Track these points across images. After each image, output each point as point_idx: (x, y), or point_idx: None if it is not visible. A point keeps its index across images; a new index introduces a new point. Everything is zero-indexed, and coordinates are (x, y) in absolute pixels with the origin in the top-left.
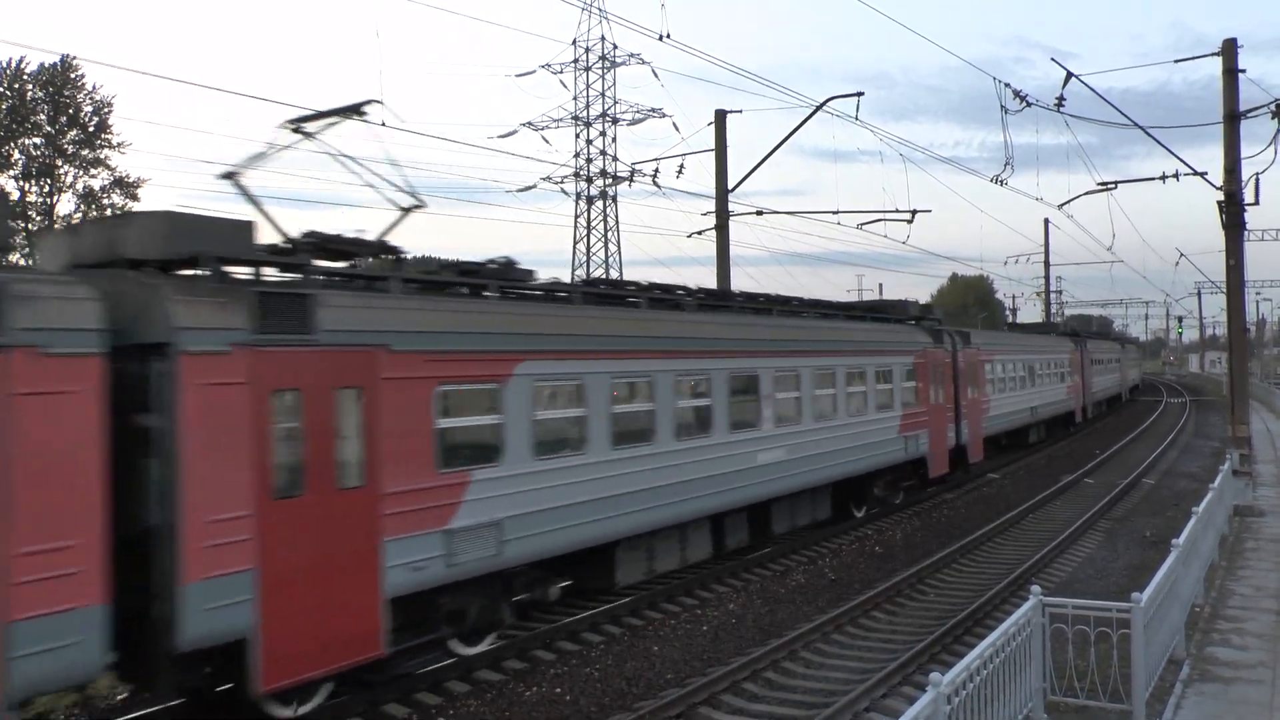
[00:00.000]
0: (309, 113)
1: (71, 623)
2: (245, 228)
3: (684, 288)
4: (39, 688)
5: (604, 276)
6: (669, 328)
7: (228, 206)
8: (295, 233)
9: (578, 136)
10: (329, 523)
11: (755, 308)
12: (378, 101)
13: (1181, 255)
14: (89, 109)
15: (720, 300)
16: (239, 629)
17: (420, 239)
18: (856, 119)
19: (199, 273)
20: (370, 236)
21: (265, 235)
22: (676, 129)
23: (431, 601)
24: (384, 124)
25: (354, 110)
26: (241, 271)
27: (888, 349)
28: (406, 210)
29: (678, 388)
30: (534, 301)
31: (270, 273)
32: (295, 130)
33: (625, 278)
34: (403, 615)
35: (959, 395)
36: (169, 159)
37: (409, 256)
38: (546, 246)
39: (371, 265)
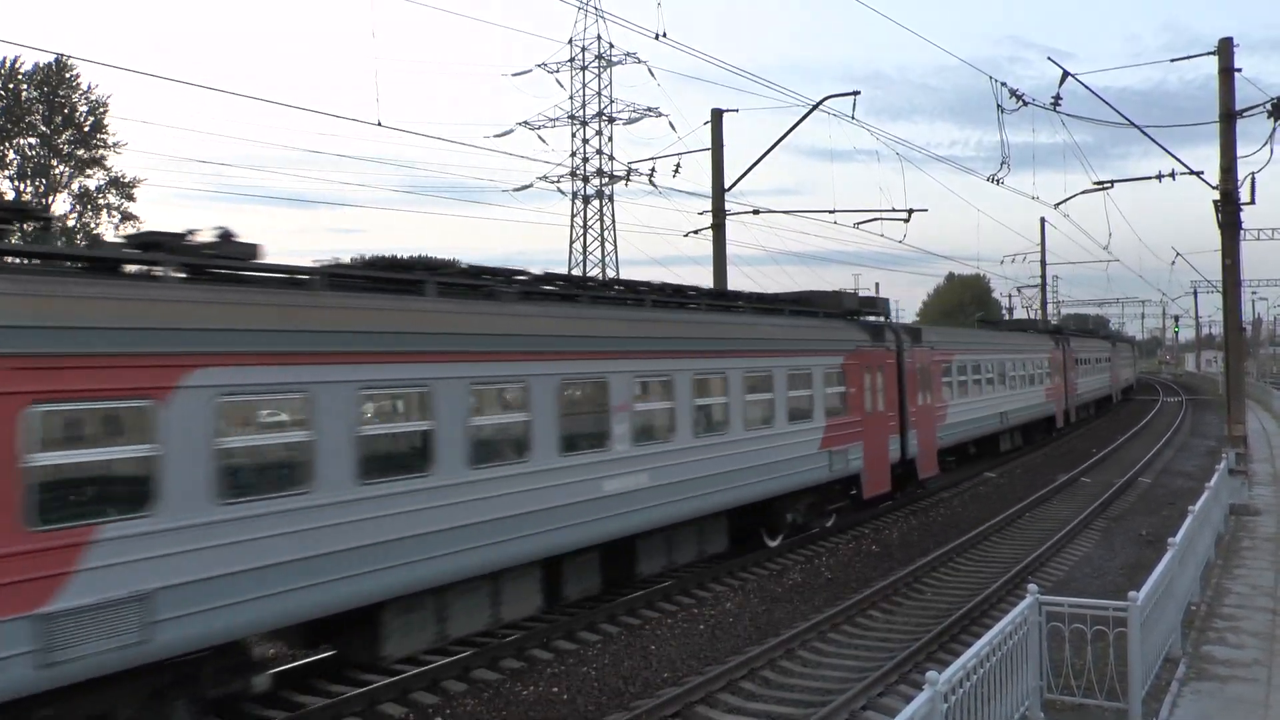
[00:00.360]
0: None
1: None
2: None
3: (500, 271)
4: None
5: (594, 275)
6: (470, 322)
7: (229, 206)
8: None
9: (574, 136)
10: None
11: (609, 298)
12: None
13: (1178, 254)
14: (84, 109)
15: (563, 287)
16: None
17: (416, 239)
18: (853, 118)
19: None
20: None
21: None
22: (673, 128)
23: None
24: (380, 124)
25: None
26: None
27: (807, 348)
28: None
29: (476, 399)
30: (224, 287)
31: None
32: None
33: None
34: None
35: (905, 401)
36: (165, 159)
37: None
38: (543, 246)
39: None
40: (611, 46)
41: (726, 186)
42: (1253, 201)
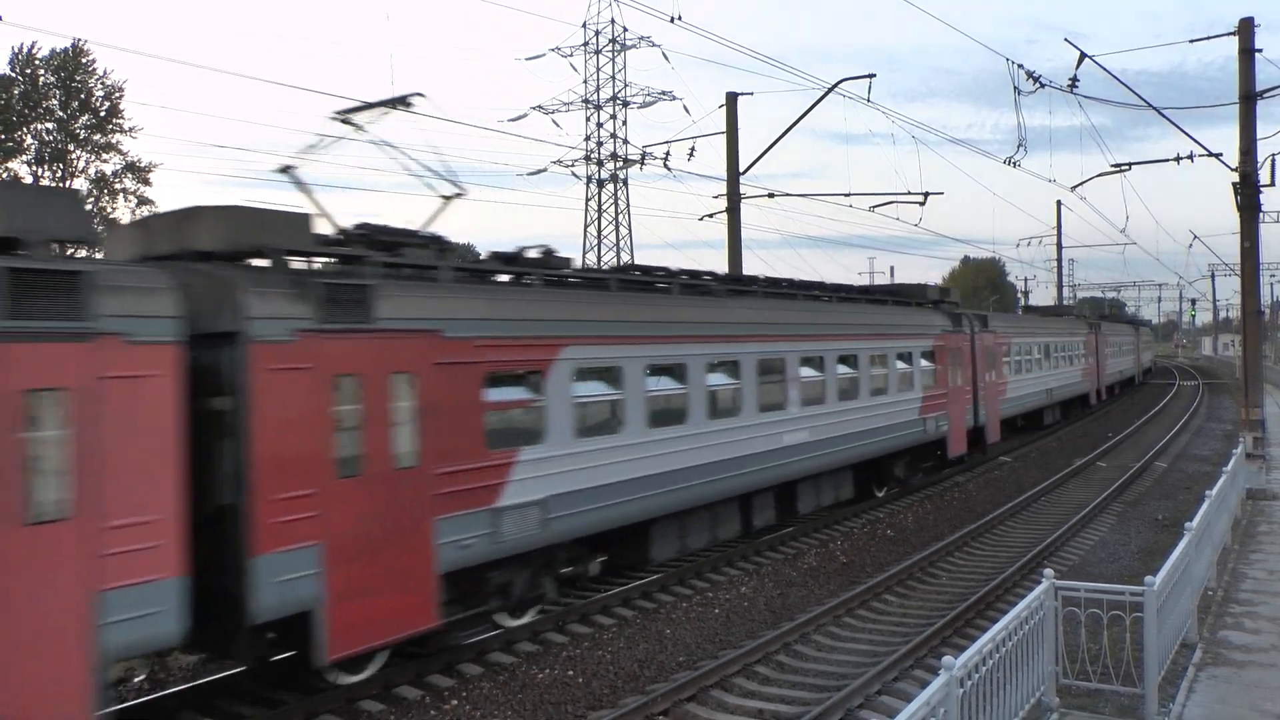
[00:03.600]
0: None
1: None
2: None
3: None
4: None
5: (628, 262)
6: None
7: (248, 190)
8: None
9: (588, 120)
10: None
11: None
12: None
13: (1195, 237)
14: (100, 94)
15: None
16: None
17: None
18: (868, 101)
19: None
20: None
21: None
22: (687, 111)
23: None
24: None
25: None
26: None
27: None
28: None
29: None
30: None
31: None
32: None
33: (636, 261)
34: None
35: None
36: (182, 143)
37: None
38: (557, 230)
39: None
40: (625, 30)
41: (741, 170)
42: (1272, 183)
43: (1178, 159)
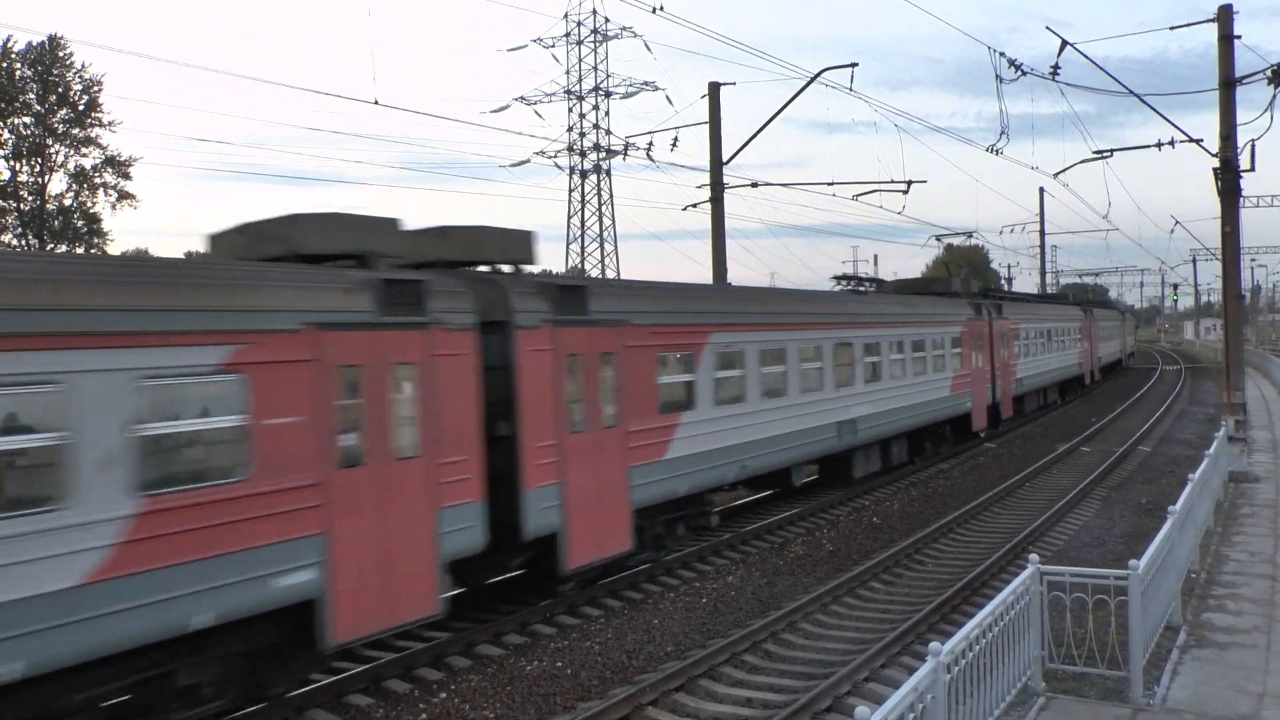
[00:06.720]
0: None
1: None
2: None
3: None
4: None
5: (610, 251)
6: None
7: (230, 184)
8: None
9: (570, 110)
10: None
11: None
12: None
13: (1177, 223)
14: (78, 87)
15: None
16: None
17: (414, 215)
18: (851, 90)
19: (508, 271)
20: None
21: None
22: (670, 102)
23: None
24: (377, 102)
25: None
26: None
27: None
28: None
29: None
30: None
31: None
32: None
33: (619, 251)
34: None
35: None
36: (165, 137)
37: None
38: (541, 221)
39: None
40: (607, 21)
41: (725, 160)
42: (1252, 168)
43: (1159, 145)
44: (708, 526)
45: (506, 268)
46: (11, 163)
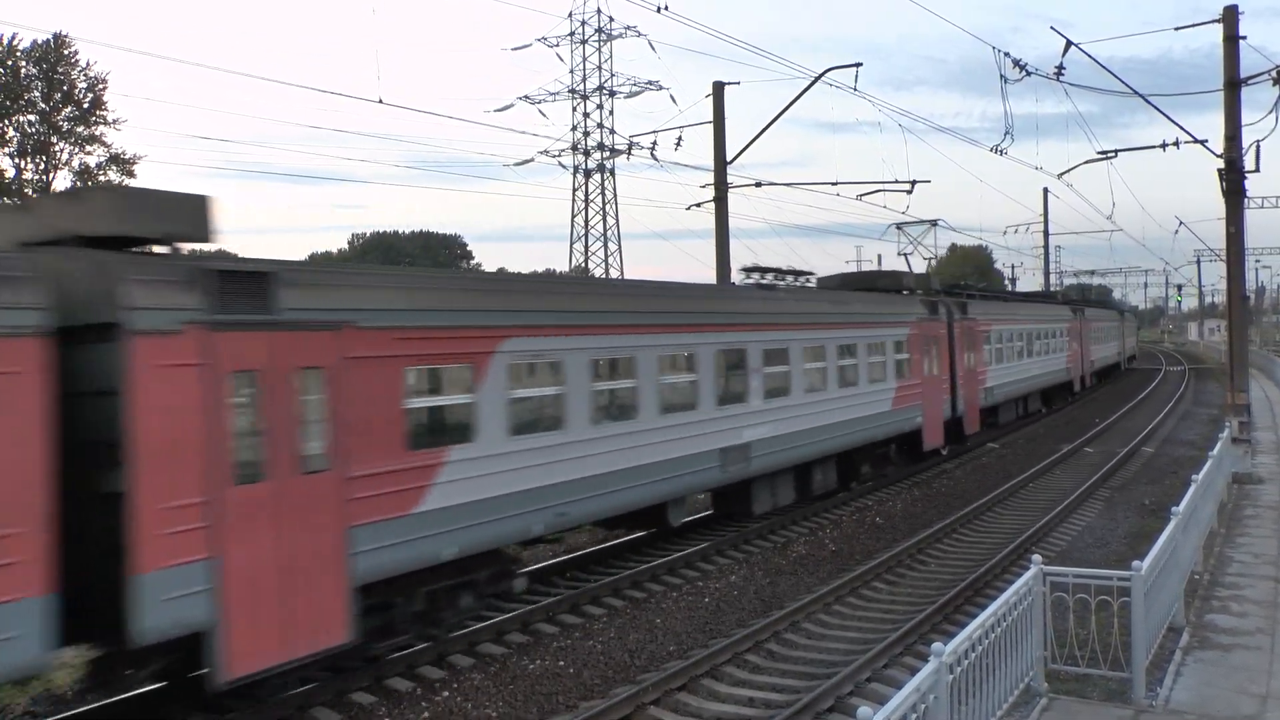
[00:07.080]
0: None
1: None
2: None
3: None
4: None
5: (614, 250)
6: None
7: (235, 182)
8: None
9: (574, 110)
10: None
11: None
12: None
13: (1181, 223)
14: (83, 85)
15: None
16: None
17: (419, 215)
18: (855, 90)
19: (153, 251)
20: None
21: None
22: (674, 101)
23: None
24: (381, 101)
25: None
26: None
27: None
28: None
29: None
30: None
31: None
32: None
33: (622, 250)
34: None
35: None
36: (170, 135)
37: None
38: (545, 220)
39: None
40: (611, 20)
41: (728, 159)
42: (1257, 169)
43: (1164, 146)
44: (510, 592)
45: (162, 249)
46: (16, 160)
